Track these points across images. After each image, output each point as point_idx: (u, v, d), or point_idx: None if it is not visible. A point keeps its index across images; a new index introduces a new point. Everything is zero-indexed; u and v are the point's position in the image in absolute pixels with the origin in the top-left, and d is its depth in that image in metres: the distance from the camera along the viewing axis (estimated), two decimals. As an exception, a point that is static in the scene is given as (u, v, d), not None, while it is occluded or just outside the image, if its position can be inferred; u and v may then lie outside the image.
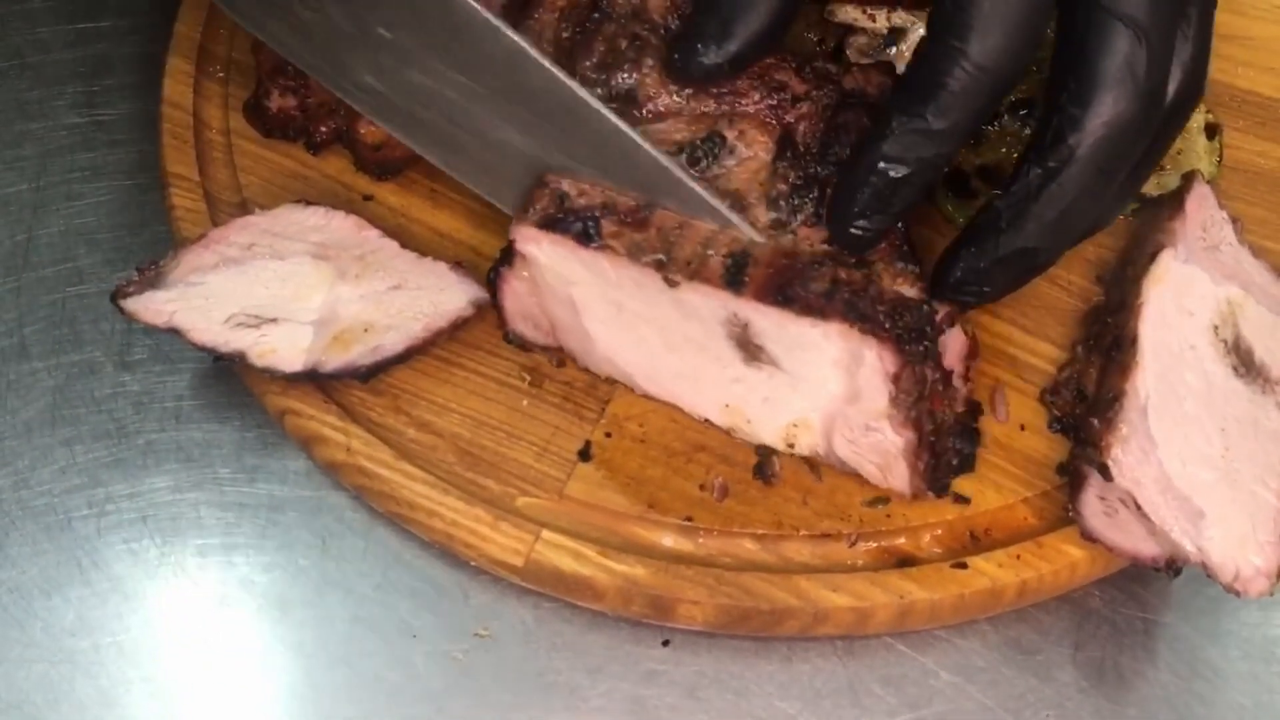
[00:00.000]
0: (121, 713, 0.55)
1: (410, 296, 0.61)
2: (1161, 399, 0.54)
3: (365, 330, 0.59)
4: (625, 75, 0.58)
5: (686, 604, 0.55)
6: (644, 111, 0.58)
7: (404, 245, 0.63)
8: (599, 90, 0.58)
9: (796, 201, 0.56)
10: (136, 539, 0.59)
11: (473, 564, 0.58)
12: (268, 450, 0.62)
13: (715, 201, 0.55)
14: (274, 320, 0.59)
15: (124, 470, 0.61)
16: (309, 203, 0.63)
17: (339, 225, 0.63)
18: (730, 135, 0.57)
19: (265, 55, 0.65)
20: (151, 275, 0.59)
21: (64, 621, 0.57)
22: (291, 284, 0.60)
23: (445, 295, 0.61)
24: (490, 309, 0.62)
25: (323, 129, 0.66)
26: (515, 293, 0.59)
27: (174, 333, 0.58)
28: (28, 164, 0.71)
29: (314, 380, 0.59)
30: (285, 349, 0.58)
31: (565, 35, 0.61)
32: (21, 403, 0.63)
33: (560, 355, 0.61)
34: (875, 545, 0.57)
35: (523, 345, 0.62)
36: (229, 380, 0.63)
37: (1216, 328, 0.57)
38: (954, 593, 0.56)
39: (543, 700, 0.56)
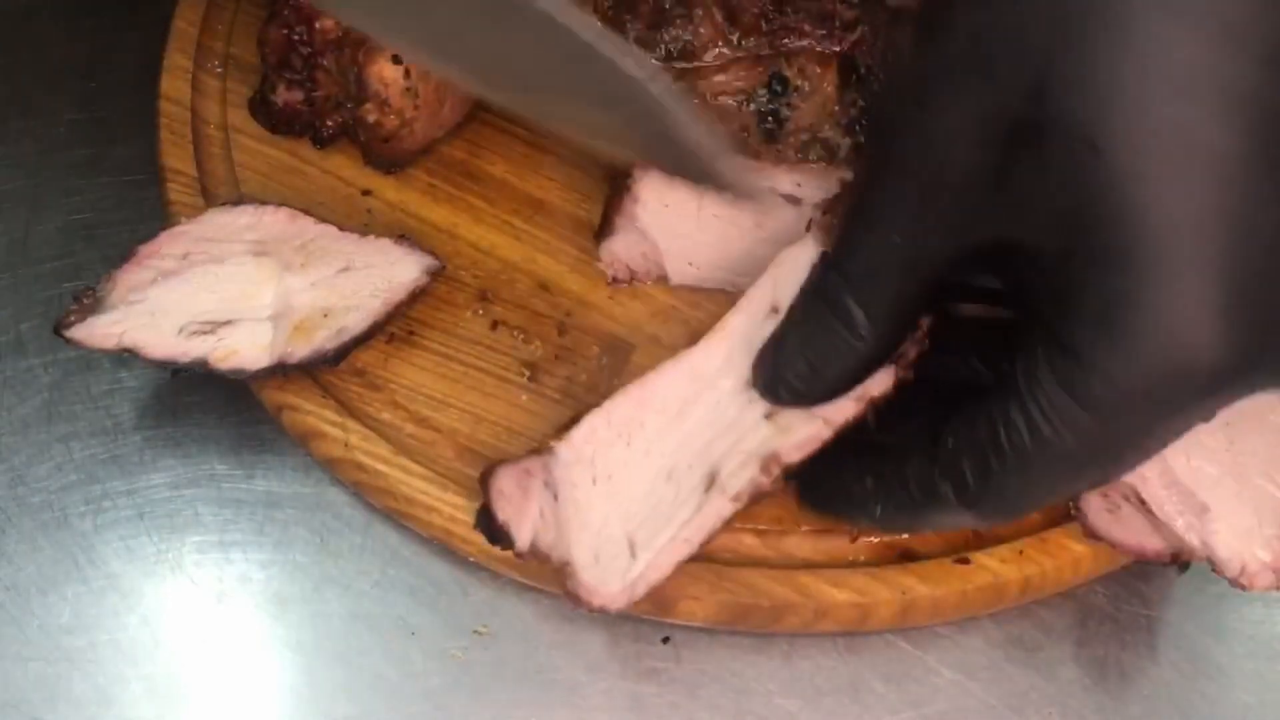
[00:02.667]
0: (119, 710, 0.55)
1: (362, 276, 0.61)
2: (1165, 393, 0.54)
3: (325, 315, 0.59)
4: (677, 31, 0.59)
5: (687, 600, 0.55)
6: (704, 63, 0.59)
7: (347, 230, 0.63)
8: (655, 50, 0.59)
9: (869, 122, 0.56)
10: (133, 536, 0.59)
11: (471, 560, 0.58)
12: (265, 446, 0.61)
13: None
14: (228, 323, 0.58)
15: (121, 467, 0.61)
16: (235, 203, 0.63)
17: (271, 219, 0.62)
18: (791, 74, 0.58)
19: (270, 49, 0.64)
20: (90, 302, 0.58)
21: (60, 619, 0.57)
22: (237, 285, 0.59)
23: (397, 268, 0.61)
24: (486, 302, 0.62)
25: (329, 123, 0.66)
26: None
27: (127, 353, 0.57)
28: (25, 160, 0.71)
29: (284, 373, 0.58)
30: (247, 348, 0.58)
31: (609, 3, 0.61)
32: (18, 399, 0.63)
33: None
34: (877, 540, 0.57)
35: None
36: (225, 377, 0.63)
37: (1220, 322, 0.57)
38: (957, 588, 0.55)
39: (542, 697, 0.56)
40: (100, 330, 0.57)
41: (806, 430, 0.52)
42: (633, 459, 0.54)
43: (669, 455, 0.54)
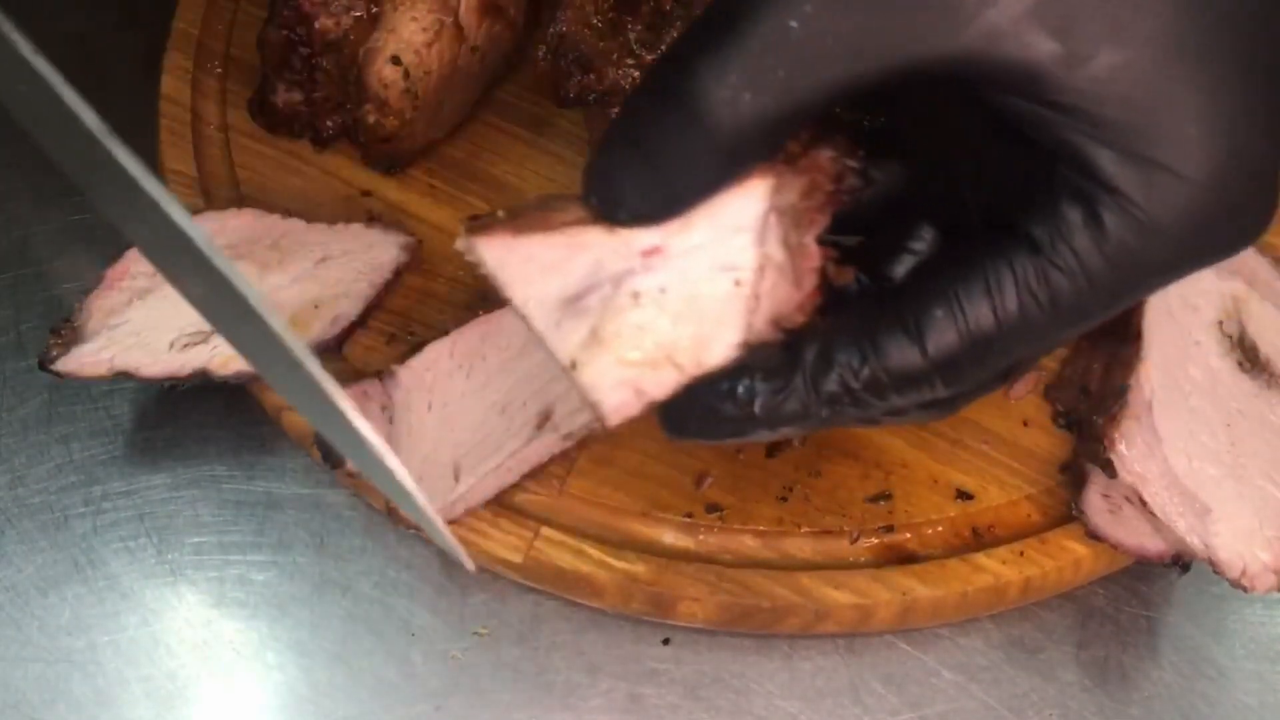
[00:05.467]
0: (118, 711, 0.55)
1: (342, 264, 0.61)
2: (1166, 394, 0.54)
3: (316, 307, 0.59)
4: (677, 33, 0.59)
5: (687, 601, 0.55)
6: None
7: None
8: (655, 51, 0.59)
9: None
10: (133, 537, 0.59)
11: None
12: (265, 448, 0.61)
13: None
14: None
15: (120, 468, 0.61)
16: (194, 212, 0.62)
17: (237, 224, 0.62)
18: None
19: (270, 50, 0.64)
20: (69, 333, 0.57)
21: (60, 620, 0.57)
22: None
23: (375, 250, 0.62)
24: (486, 302, 0.62)
25: (329, 123, 0.66)
26: None
27: (123, 377, 0.57)
28: (25, 160, 0.71)
29: None
30: None
31: (609, 5, 0.61)
32: (18, 400, 0.63)
33: None
34: (877, 541, 0.57)
35: None
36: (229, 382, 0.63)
37: (1221, 323, 0.57)
38: (957, 589, 0.55)
39: (542, 699, 0.55)
40: (88, 359, 0.57)
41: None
42: (470, 390, 0.55)
43: (506, 390, 0.55)
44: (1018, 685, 0.57)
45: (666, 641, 0.57)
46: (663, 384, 0.42)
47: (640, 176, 0.40)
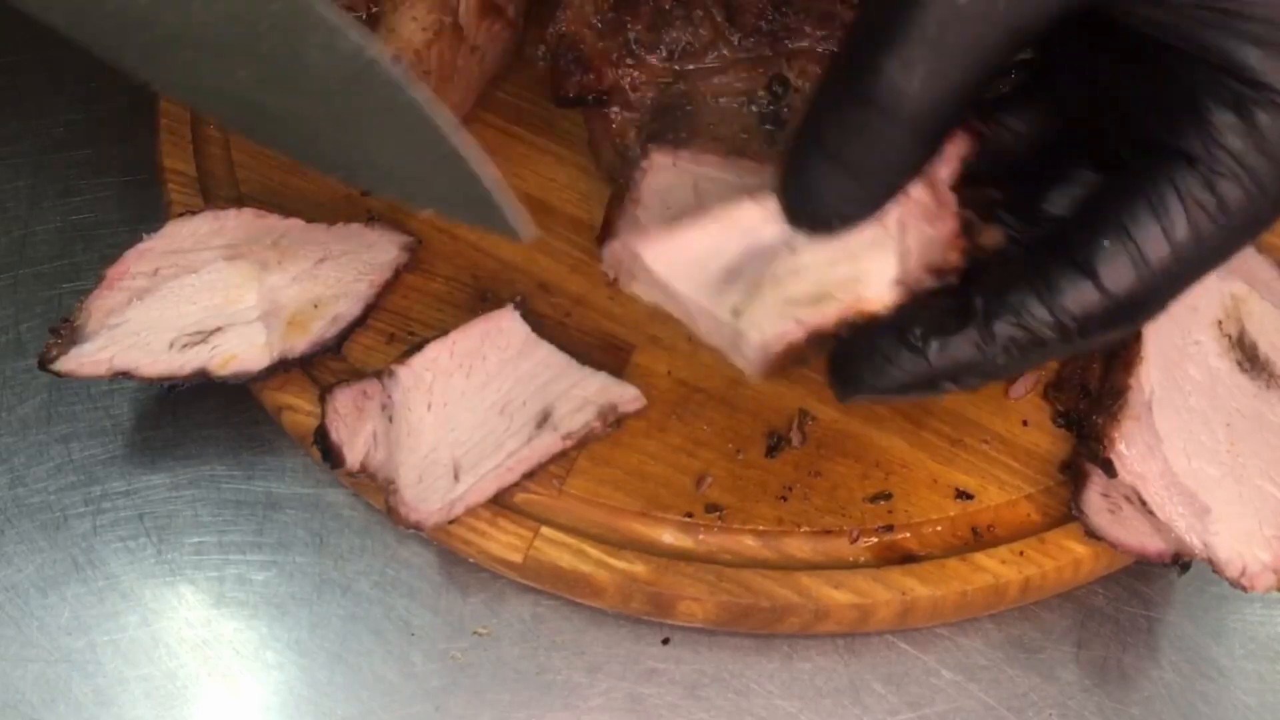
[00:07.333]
0: (118, 712, 0.55)
1: (341, 263, 0.61)
2: (1165, 394, 0.54)
3: (315, 307, 0.59)
4: (677, 33, 0.59)
5: (687, 601, 0.55)
6: (705, 65, 0.59)
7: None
8: (655, 51, 0.59)
9: None
10: (133, 537, 0.59)
11: (471, 561, 0.58)
12: (265, 447, 0.61)
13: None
14: (219, 329, 0.58)
15: (120, 467, 0.61)
16: (193, 212, 0.62)
17: (236, 223, 0.61)
18: (791, 75, 0.59)
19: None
20: (69, 333, 0.57)
21: (60, 620, 0.57)
22: (218, 292, 0.59)
23: (375, 250, 0.62)
24: (486, 303, 0.62)
25: (325, 124, 0.66)
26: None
27: (122, 376, 0.57)
28: (24, 160, 0.71)
29: (286, 370, 0.58)
30: (245, 351, 0.58)
31: (609, 5, 0.61)
32: (17, 399, 0.63)
33: None
34: (877, 541, 0.57)
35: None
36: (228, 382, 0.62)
37: (1221, 323, 0.57)
38: (957, 589, 0.55)
39: (542, 699, 0.55)
40: (87, 359, 0.57)
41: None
42: (470, 390, 0.56)
43: (505, 390, 0.56)
44: (1018, 685, 0.57)
45: (666, 641, 0.57)
46: (824, 314, 0.44)
47: (844, 187, 0.41)
